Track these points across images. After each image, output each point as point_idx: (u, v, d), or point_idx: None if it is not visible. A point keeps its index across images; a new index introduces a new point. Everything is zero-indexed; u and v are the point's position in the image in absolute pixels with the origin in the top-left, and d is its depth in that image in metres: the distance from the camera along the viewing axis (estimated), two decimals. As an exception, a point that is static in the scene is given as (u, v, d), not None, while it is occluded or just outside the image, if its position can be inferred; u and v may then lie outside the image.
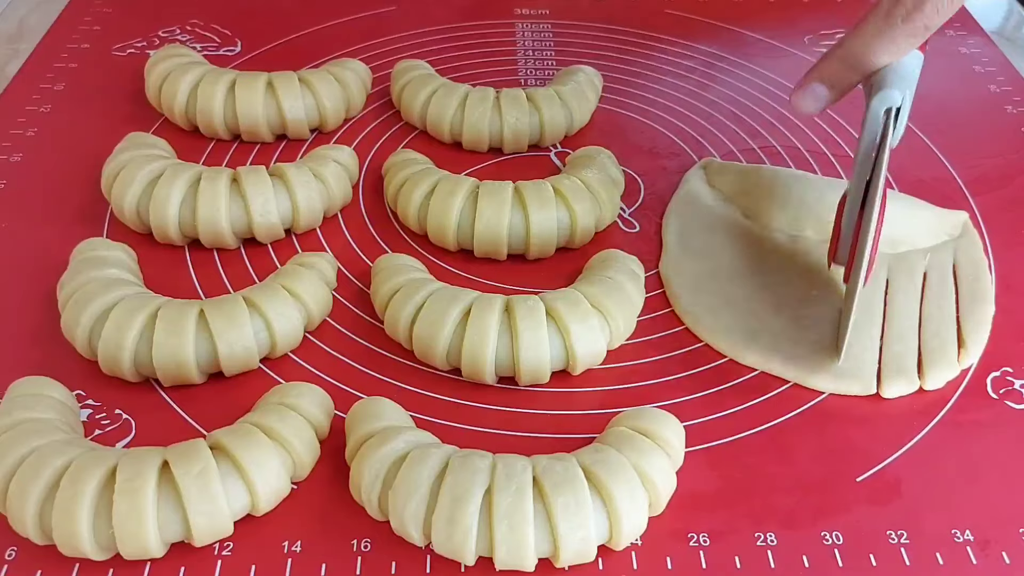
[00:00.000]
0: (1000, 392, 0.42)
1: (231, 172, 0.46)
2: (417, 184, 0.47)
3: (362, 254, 0.48)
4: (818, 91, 0.41)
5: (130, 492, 0.32)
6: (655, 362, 0.43)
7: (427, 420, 0.40)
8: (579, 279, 0.44)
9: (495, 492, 0.33)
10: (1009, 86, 0.61)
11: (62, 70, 0.60)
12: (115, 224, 0.48)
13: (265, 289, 0.42)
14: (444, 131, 0.54)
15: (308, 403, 0.37)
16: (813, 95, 0.41)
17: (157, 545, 0.33)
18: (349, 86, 0.55)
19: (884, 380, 0.41)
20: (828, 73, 0.41)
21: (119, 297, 0.40)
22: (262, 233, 0.47)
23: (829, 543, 0.35)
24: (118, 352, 0.39)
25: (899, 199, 0.49)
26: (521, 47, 0.64)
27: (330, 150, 0.50)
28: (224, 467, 0.34)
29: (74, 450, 0.34)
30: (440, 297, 0.40)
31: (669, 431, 0.36)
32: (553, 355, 0.40)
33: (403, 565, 0.34)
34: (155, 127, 0.55)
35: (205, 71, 0.53)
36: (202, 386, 0.40)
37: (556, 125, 0.54)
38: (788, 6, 0.70)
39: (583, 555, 0.33)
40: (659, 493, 0.35)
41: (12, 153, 0.53)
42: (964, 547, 0.35)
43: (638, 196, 0.52)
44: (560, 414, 0.40)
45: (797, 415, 0.40)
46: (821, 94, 0.41)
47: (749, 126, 0.57)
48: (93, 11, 0.66)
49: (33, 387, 0.37)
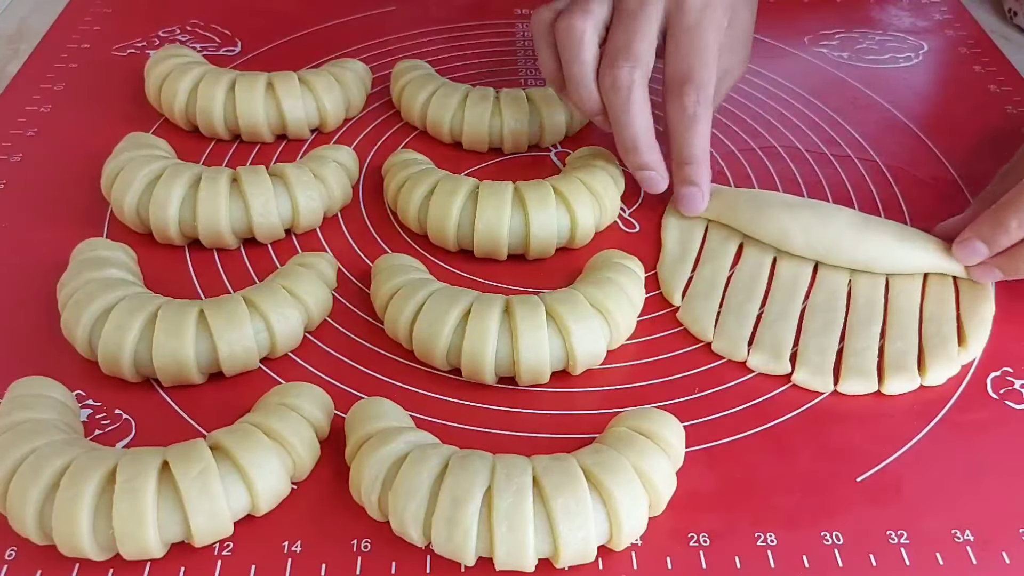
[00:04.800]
0: (1000, 392, 0.42)
1: (231, 172, 0.46)
2: (417, 184, 0.47)
3: (362, 254, 0.48)
4: (979, 248, 0.43)
5: (130, 492, 0.32)
6: (655, 362, 0.43)
7: (427, 420, 0.40)
8: (579, 279, 0.44)
9: (495, 493, 0.33)
10: (1009, 86, 0.61)
11: (62, 70, 0.60)
12: (115, 224, 0.48)
13: (265, 289, 0.42)
14: (444, 131, 0.54)
15: (308, 403, 0.37)
16: (974, 251, 0.44)
17: (157, 545, 0.33)
18: (349, 86, 0.55)
19: (886, 377, 0.41)
20: (984, 234, 0.43)
21: (119, 297, 0.40)
22: (262, 233, 0.47)
23: (829, 543, 0.35)
24: (118, 352, 0.39)
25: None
26: (521, 47, 0.64)
27: (330, 150, 0.50)
28: (224, 467, 0.34)
29: (74, 450, 0.34)
30: (440, 297, 0.41)
31: (669, 431, 0.36)
32: (553, 355, 0.40)
33: (403, 565, 0.34)
34: (155, 127, 0.55)
35: (205, 71, 0.53)
36: (202, 386, 0.40)
37: (556, 125, 0.54)
38: (788, 6, 0.70)
39: (583, 555, 0.33)
40: (659, 493, 0.35)
41: (12, 153, 0.53)
42: (964, 547, 0.35)
43: (638, 196, 0.52)
44: (560, 414, 0.40)
45: (797, 415, 0.40)
46: (982, 251, 0.43)
47: (749, 126, 0.57)
48: (93, 11, 0.66)
49: (33, 387, 0.37)
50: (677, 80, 0.45)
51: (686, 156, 0.46)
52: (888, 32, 0.67)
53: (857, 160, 0.55)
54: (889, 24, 0.68)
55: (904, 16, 0.69)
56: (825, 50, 0.65)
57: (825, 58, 0.64)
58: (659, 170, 0.47)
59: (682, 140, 0.46)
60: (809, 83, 0.61)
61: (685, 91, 0.45)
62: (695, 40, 0.45)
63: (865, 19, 0.69)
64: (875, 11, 0.70)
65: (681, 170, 0.47)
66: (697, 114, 0.45)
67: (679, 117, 0.45)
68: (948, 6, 0.70)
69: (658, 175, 0.47)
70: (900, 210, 0.51)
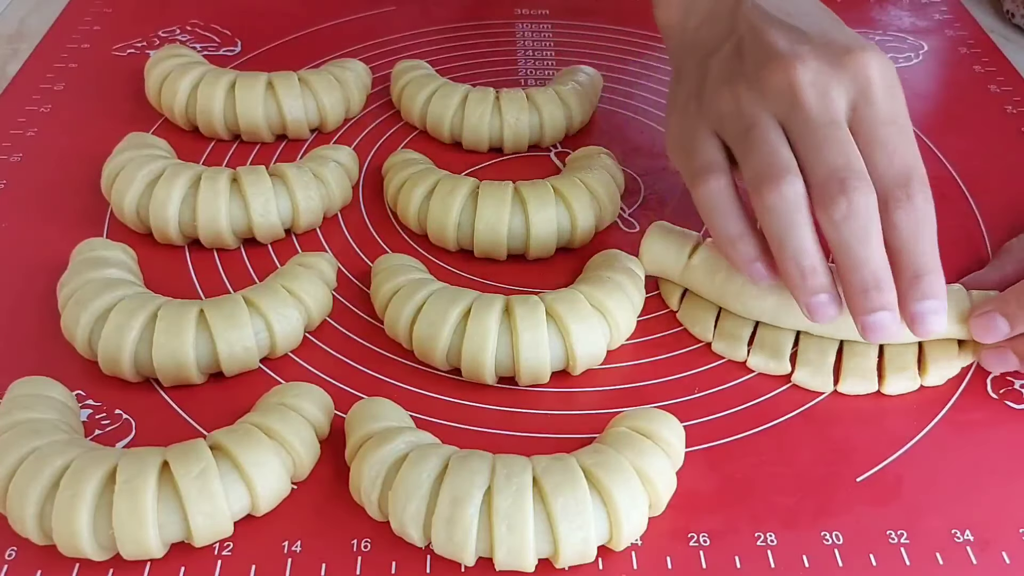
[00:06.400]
0: (1000, 392, 0.42)
1: (231, 172, 0.46)
2: (417, 184, 0.47)
3: (362, 254, 0.48)
4: (1000, 325, 0.40)
5: (130, 492, 0.32)
6: (655, 362, 0.43)
7: (427, 420, 0.40)
8: (579, 279, 0.44)
9: (495, 493, 0.33)
10: (1009, 86, 0.61)
11: (62, 70, 0.60)
12: (115, 224, 0.48)
13: (265, 289, 0.42)
14: (444, 131, 0.54)
15: (308, 403, 0.37)
16: (995, 328, 0.40)
17: (157, 545, 0.33)
18: (349, 86, 0.55)
19: (886, 377, 0.41)
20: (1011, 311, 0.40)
21: (119, 297, 0.40)
22: (262, 233, 0.47)
23: (829, 543, 0.35)
24: (118, 352, 0.39)
25: None
26: (521, 47, 0.64)
27: (330, 150, 0.50)
28: (224, 467, 0.34)
29: (74, 450, 0.34)
30: (440, 297, 0.41)
31: (669, 431, 0.36)
32: (553, 355, 0.40)
33: (403, 565, 0.34)
34: (155, 127, 0.55)
35: (205, 71, 0.53)
36: (202, 386, 0.40)
37: (556, 125, 0.54)
38: (788, 6, 0.70)
39: (583, 555, 0.33)
40: (659, 493, 0.35)
41: (12, 153, 0.53)
42: (964, 547, 0.35)
43: (638, 196, 0.52)
44: (560, 414, 0.40)
45: (797, 415, 0.41)
46: (1003, 329, 0.40)
47: (749, 126, 0.57)
48: (93, 11, 0.66)
49: (33, 387, 0.37)
50: (901, 180, 0.37)
51: (923, 266, 0.37)
52: (888, 32, 0.67)
53: (857, 160, 0.55)
54: (889, 24, 0.68)
55: (904, 16, 0.69)
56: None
57: (825, 58, 0.64)
58: (896, 309, 0.37)
59: (917, 248, 0.37)
60: (809, 83, 0.61)
61: (914, 190, 0.37)
62: (900, 131, 0.38)
63: (865, 19, 0.69)
64: (875, 11, 0.70)
65: (919, 285, 0.37)
66: (929, 215, 0.37)
67: (911, 222, 0.36)
68: (948, 6, 0.70)
69: (895, 314, 0.37)
70: (900, 210, 0.51)
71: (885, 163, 0.37)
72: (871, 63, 0.38)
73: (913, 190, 0.37)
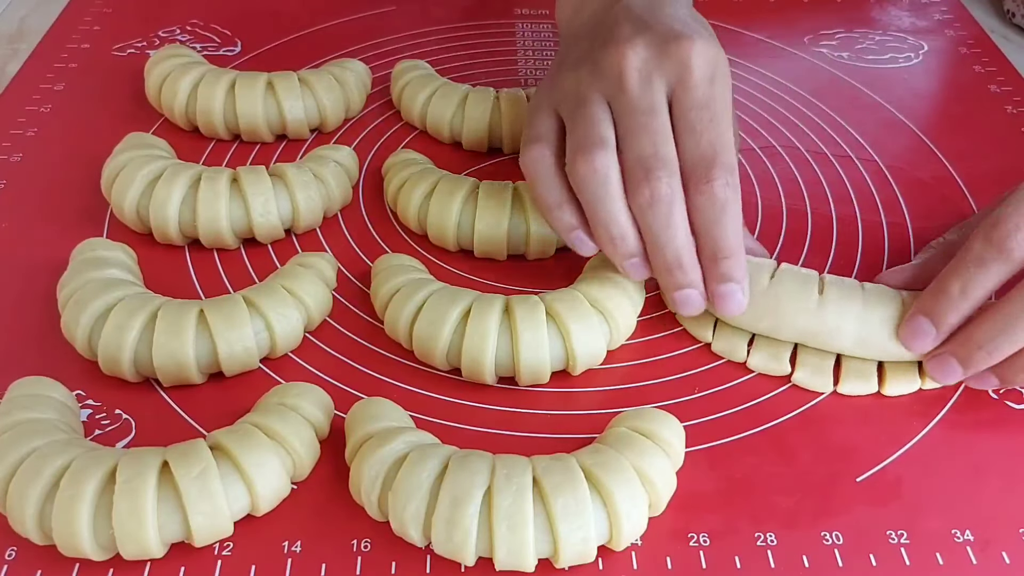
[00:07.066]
0: (1000, 392, 0.42)
1: (231, 172, 0.46)
2: (417, 184, 0.47)
3: (362, 254, 0.48)
4: (924, 327, 0.39)
5: (130, 492, 0.32)
6: (655, 362, 0.43)
7: (427, 420, 0.40)
8: (579, 279, 0.44)
9: (495, 493, 0.33)
10: (1009, 86, 0.61)
11: (62, 70, 0.60)
12: (115, 224, 0.48)
13: (265, 289, 0.42)
14: (444, 131, 0.54)
15: (308, 403, 0.37)
16: (920, 331, 0.39)
17: (157, 545, 0.33)
18: (349, 86, 0.55)
19: (887, 379, 0.41)
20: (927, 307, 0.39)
21: (119, 297, 0.40)
22: (262, 233, 0.47)
23: (829, 543, 0.35)
24: (118, 352, 0.39)
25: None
26: (521, 47, 0.64)
27: (330, 150, 0.50)
28: (224, 467, 0.34)
29: (74, 450, 0.34)
30: (440, 297, 0.41)
31: (669, 431, 0.36)
32: (553, 355, 0.40)
33: (403, 565, 0.34)
34: (155, 127, 0.55)
35: (205, 71, 0.53)
36: (202, 386, 0.40)
37: (556, 125, 0.54)
38: (788, 6, 0.70)
39: (583, 556, 0.33)
40: (659, 493, 0.35)
41: (12, 153, 0.53)
42: (964, 547, 0.35)
43: (638, 196, 0.52)
44: (560, 414, 0.40)
45: (797, 415, 0.41)
46: (928, 330, 0.39)
47: (749, 126, 0.57)
48: (93, 11, 0.66)
49: (33, 387, 0.37)
50: (703, 165, 0.39)
51: (722, 249, 0.39)
52: (888, 32, 0.67)
53: (857, 160, 0.55)
54: (889, 24, 0.68)
55: (904, 16, 0.69)
56: (825, 50, 0.65)
57: (825, 58, 0.64)
58: (701, 287, 0.40)
59: (716, 232, 0.39)
60: (809, 83, 0.61)
61: (713, 175, 0.38)
62: (713, 118, 0.39)
63: (865, 19, 0.69)
64: (875, 11, 0.70)
65: (717, 267, 0.39)
66: (729, 200, 0.39)
67: (709, 206, 0.39)
68: (948, 6, 0.70)
69: (701, 292, 0.40)
70: (900, 210, 0.51)
71: (692, 147, 0.39)
72: (693, 50, 0.39)
73: (713, 175, 0.38)
